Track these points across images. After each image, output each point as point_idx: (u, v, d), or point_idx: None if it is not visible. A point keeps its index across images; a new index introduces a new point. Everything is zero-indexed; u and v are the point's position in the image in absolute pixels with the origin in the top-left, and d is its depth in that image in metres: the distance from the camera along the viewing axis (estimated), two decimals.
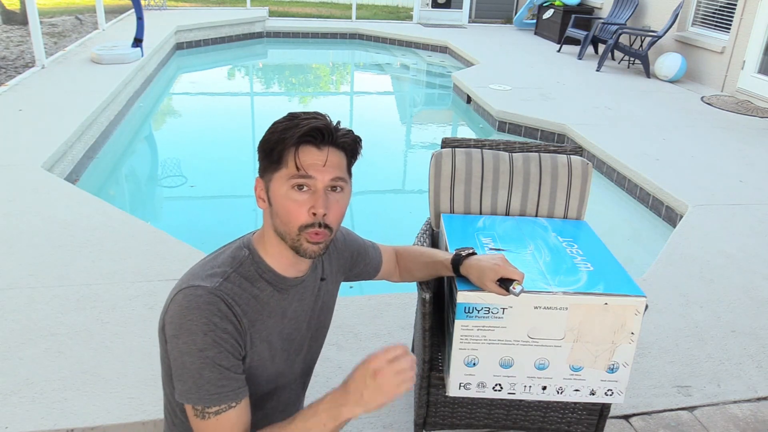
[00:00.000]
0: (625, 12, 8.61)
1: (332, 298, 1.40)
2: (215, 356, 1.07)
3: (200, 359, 1.06)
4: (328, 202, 1.14)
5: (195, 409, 1.08)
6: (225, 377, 1.08)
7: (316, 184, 1.13)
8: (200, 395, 1.07)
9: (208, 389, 1.07)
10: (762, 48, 6.79)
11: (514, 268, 1.41)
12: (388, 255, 1.58)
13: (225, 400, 1.08)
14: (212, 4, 12.80)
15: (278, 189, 1.14)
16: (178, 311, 1.09)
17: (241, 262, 1.17)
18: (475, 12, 12.21)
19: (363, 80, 9.05)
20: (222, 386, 1.08)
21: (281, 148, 1.13)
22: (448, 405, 1.80)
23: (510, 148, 2.05)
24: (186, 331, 1.07)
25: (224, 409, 1.08)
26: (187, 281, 1.13)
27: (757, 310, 2.86)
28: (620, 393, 1.56)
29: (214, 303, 1.09)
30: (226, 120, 6.41)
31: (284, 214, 1.14)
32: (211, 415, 1.08)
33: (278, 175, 1.14)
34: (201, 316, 1.07)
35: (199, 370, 1.07)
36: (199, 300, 1.08)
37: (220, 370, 1.08)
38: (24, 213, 3.33)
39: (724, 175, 4.46)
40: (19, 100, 5.23)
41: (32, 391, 2.07)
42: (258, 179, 1.19)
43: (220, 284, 1.12)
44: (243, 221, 4.21)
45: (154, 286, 2.73)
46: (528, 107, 5.94)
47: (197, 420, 1.09)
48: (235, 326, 1.10)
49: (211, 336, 1.07)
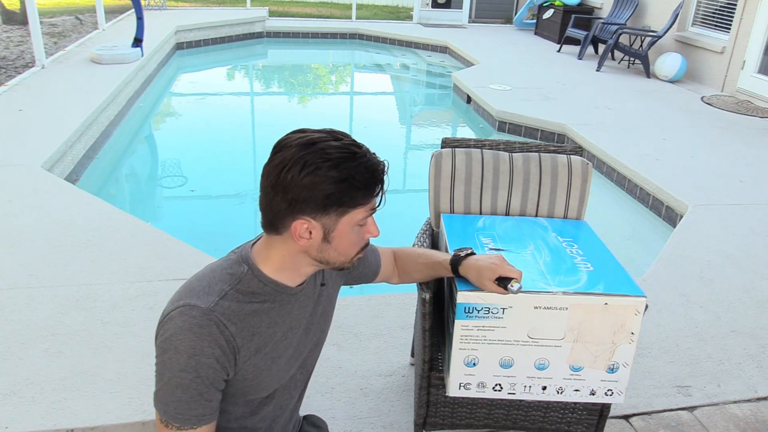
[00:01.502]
0: (625, 12, 8.61)
1: (332, 304, 1.39)
2: (192, 380, 1.09)
3: (177, 378, 1.09)
4: None
5: (162, 419, 1.12)
6: (195, 402, 1.10)
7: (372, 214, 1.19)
8: (167, 409, 1.10)
9: (176, 407, 1.10)
10: (762, 48, 6.79)
11: (511, 267, 1.42)
12: (387, 257, 1.57)
13: (188, 423, 1.11)
14: (212, 4, 12.80)
15: (348, 227, 1.14)
16: (171, 328, 1.10)
17: (239, 279, 1.15)
18: (475, 12, 12.21)
19: (363, 80, 9.05)
20: (189, 409, 1.10)
21: (367, 193, 1.12)
22: (448, 405, 1.80)
23: (510, 148, 2.05)
24: (173, 348, 1.08)
25: (186, 428, 1.12)
26: (184, 297, 1.12)
27: (757, 310, 2.86)
28: (620, 393, 1.56)
29: (206, 326, 1.09)
30: (226, 120, 6.41)
31: (347, 248, 1.17)
32: (173, 427, 1.11)
33: (351, 215, 1.12)
34: (190, 339, 1.08)
35: (173, 388, 1.09)
36: (191, 322, 1.09)
37: (191, 395, 1.10)
38: (24, 213, 3.33)
39: (724, 175, 4.46)
40: (19, 100, 5.23)
41: (32, 391, 2.07)
42: (306, 221, 1.10)
43: (216, 304, 1.11)
44: (243, 221, 4.21)
45: (154, 286, 2.73)
46: (528, 107, 5.94)
47: (161, 425, 1.12)
48: (223, 350, 1.11)
49: (195, 360, 1.08)
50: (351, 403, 2.14)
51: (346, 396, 2.17)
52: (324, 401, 2.14)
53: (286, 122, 6.13)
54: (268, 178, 1.11)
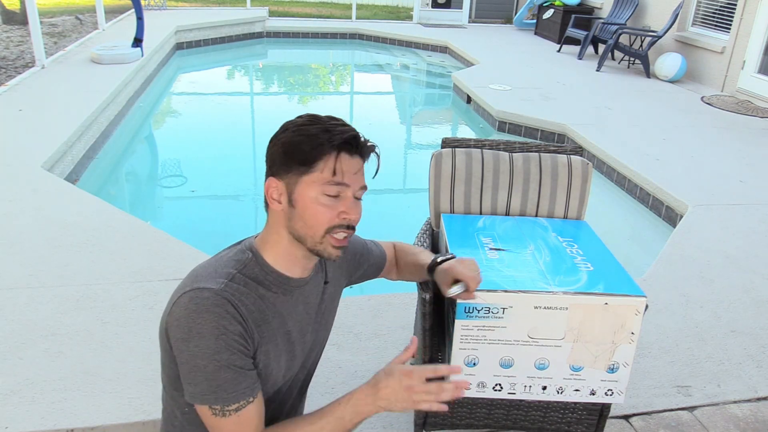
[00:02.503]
0: (625, 12, 8.61)
1: (335, 302, 1.39)
2: (229, 358, 1.07)
3: (214, 362, 1.06)
4: (358, 209, 1.18)
5: (213, 408, 1.09)
6: (240, 376, 1.09)
7: (347, 192, 1.15)
8: (218, 396, 1.08)
9: (226, 389, 1.08)
10: (762, 48, 6.79)
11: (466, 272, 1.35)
12: (388, 251, 1.57)
13: (243, 396, 1.09)
14: (212, 4, 12.80)
15: (307, 192, 1.13)
16: (185, 314, 1.08)
17: (245, 264, 1.17)
18: (475, 12, 12.21)
19: (363, 80, 9.05)
20: (238, 384, 1.09)
21: (318, 152, 1.12)
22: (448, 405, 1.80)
23: (510, 148, 2.05)
24: (196, 334, 1.06)
25: (243, 405, 1.09)
26: (191, 283, 1.11)
27: (757, 310, 2.85)
28: (620, 393, 1.56)
29: (222, 305, 1.08)
30: (226, 120, 6.41)
31: (311, 218, 1.14)
32: (231, 413, 1.09)
33: (308, 178, 1.13)
34: (210, 319, 1.06)
35: (214, 373, 1.07)
36: (206, 302, 1.07)
37: (235, 370, 1.08)
38: (24, 213, 3.33)
39: (724, 175, 4.46)
40: (19, 100, 5.23)
41: (32, 391, 2.07)
42: (273, 180, 1.16)
43: (226, 285, 1.11)
44: (243, 221, 4.21)
45: (154, 286, 2.73)
46: (528, 107, 5.94)
47: (216, 419, 1.09)
48: (243, 327, 1.10)
49: (223, 339, 1.06)
50: None
51: None
52: (324, 401, 2.13)
53: None
54: None
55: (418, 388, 1.10)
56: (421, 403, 1.10)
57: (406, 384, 1.10)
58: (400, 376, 1.11)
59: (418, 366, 1.12)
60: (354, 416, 1.13)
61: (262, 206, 1.22)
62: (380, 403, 1.11)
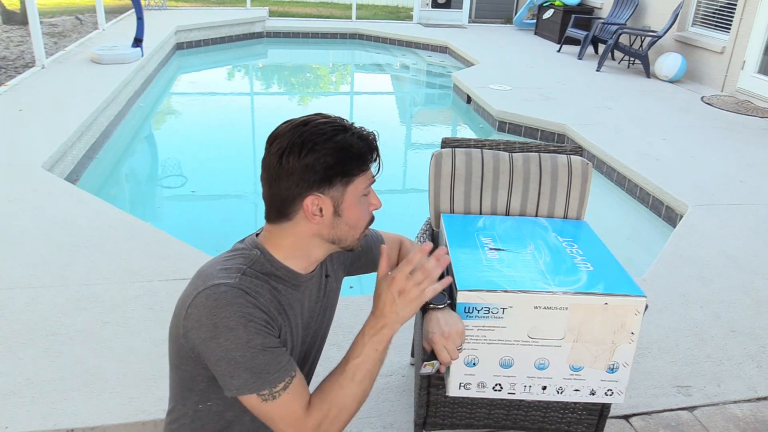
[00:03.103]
0: (625, 12, 8.61)
1: (335, 296, 1.40)
2: (262, 342, 1.08)
3: (250, 350, 1.07)
4: None
5: (261, 395, 1.09)
6: (278, 355, 1.10)
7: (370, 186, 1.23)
8: (263, 381, 1.08)
9: (269, 371, 1.08)
10: (762, 48, 6.79)
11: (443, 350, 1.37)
12: (393, 244, 1.57)
13: (287, 373, 1.10)
14: (212, 4, 12.80)
15: (354, 197, 1.18)
16: (206, 312, 1.07)
17: (253, 261, 1.17)
18: (475, 12, 12.22)
19: (363, 80, 9.05)
20: (279, 363, 1.09)
21: (364, 161, 1.17)
22: (448, 405, 1.80)
23: (510, 148, 2.05)
24: (224, 328, 1.06)
25: (289, 381, 1.10)
26: (203, 283, 1.11)
27: (757, 310, 2.86)
28: (620, 393, 1.56)
29: (242, 296, 1.09)
30: (226, 120, 6.41)
31: (357, 221, 1.20)
32: (280, 393, 1.09)
33: (355, 184, 1.17)
34: (234, 310, 1.07)
35: (253, 360, 1.07)
36: (226, 296, 1.08)
37: (271, 351, 1.09)
38: (24, 213, 3.33)
39: (724, 175, 4.46)
40: (19, 100, 5.23)
41: (32, 391, 2.07)
42: (315, 197, 1.13)
43: (240, 279, 1.12)
44: (243, 221, 4.21)
45: (154, 286, 2.73)
46: (528, 107, 5.94)
47: (267, 404, 1.09)
48: (266, 313, 1.11)
49: (251, 326, 1.07)
50: None
51: None
52: None
53: None
54: (269, 169, 1.14)
55: (408, 286, 1.13)
56: (422, 295, 1.13)
57: (396, 291, 1.13)
58: (387, 289, 1.14)
59: (396, 269, 1.15)
60: (378, 345, 1.16)
61: (261, 206, 1.21)
62: (388, 321, 1.14)
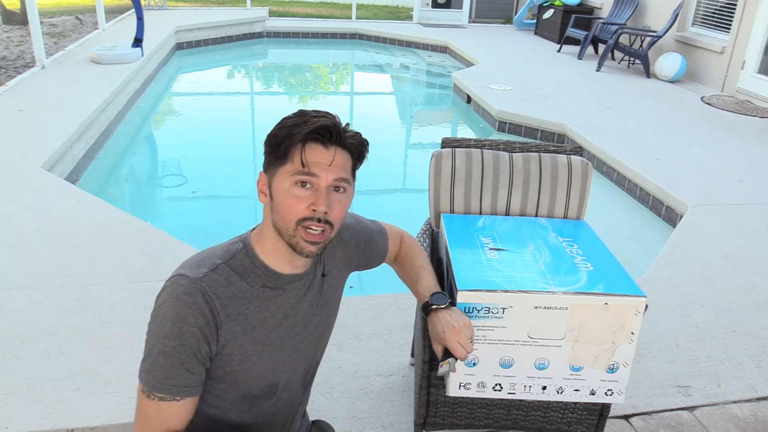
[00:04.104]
0: (625, 12, 8.61)
1: (336, 295, 1.38)
2: (174, 347, 1.10)
3: (160, 345, 1.11)
4: (330, 201, 1.15)
5: (143, 387, 1.13)
6: (176, 371, 1.11)
7: (319, 183, 1.15)
8: (148, 378, 1.12)
9: (156, 375, 1.11)
10: (762, 48, 6.79)
11: (459, 346, 1.37)
12: (394, 241, 1.56)
13: (169, 391, 1.12)
14: (212, 4, 12.80)
15: (281, 184, 1.16)
16: (161, 296, 1.14)
17: (233, 255, 1.19)
18: (475, 12, 12.22)
19: (363, 80, 9.05)
20: (168, 378, 1.11)
21: (288, 143, 1.14)
22: (448, 405, 1.80)
23: (510, 148, 2.05)
24: (160, 316, 1.12)
25: (167, 398, 1.12)
26: (178, 269, 1.16)
27: (757, 310, 2.86)
28: (620, 393, 1.56)
29: (192, 294, 1.12)
30: (226, 120, 6.41)
31: (283, 209, 1.15)
32: (155, 398, 1.12)
33: (282, 170, 1.16)
34: (175, 305, 1.11)
35: (157, 356, 1.11)
36: (178, 290, 1.12)
37: (173, 363, 1.11)
38: (24, 213, 3.33)
39: (724, 175, 4.46)
40: (19, 100, 5.23)
41: (32, 391, 2.07)
42: (261, 173, 1.21)
43: (204, 275, 1.14)
44: (243, 221, 4.21)
45: (154, 286, 2.72)
46: (528, 107, 5.94)
47: (142, 396, 1.13)
48: (206, 320, 1.12)
49: (178, 326, 1.10)
50: (351, 403, 2.14)
51: (346, 396, 2.17)
52: (324, 401, 2.14)
53: None
54: None
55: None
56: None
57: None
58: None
59: None
60: None
61: (261, 206, 1.24)
62: None
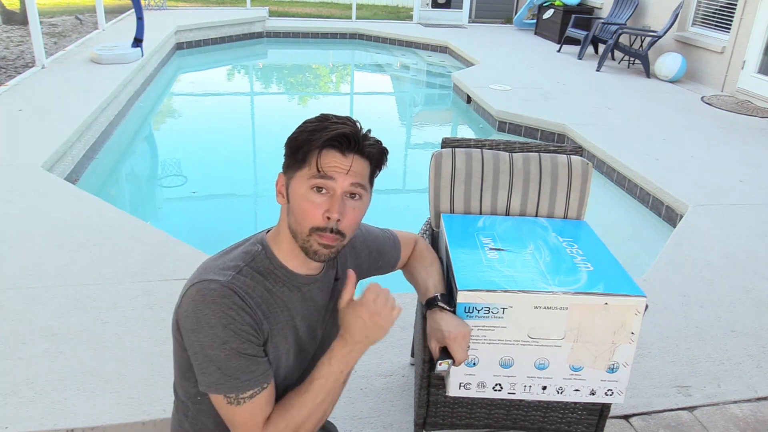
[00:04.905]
0: (625, 12, 8.61)
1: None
2: (239, 346, 1.09)
3: (225, 351, 1.08)
4: (345, 208, 1.15)
5: (227, 397, 1.10)
6: (252, 363, 1.11)
7: (335, 188, 1.14)
8: (231, 384, 1.09)
9: (239, 377, 1.09)
10: (762, 48, 6.79)
11: (460, 348, 1.39)
12: (407, 248, 1.57)
13: (257, 383, 1.11)
14: (212, 4, 12.80)
15: (298, 188, 1.16)
16: (193, 305, 1.10)
17: (253, 257, 1.18)
18: (475, 12, 12.22)
19: (363, 80, 9.05)
20: (251, 372, 1.10)
21: (307, 148, 1.14)
22: (448, 405, 1.80)
23: (510, 148, 2.05)
24: (206, 325, 1.08)
25: (258, 392, 1.11)
26: (200, 276, 1.14)
27: (757, 310, 2.86)
28: (620, 393, 1.56)
29: (229, 296, 1.10)
30: (226, 120, 6.41)
31: (299, 213, 1.15)
32: (245, 400, 1.10)
33: (300, 174, 1.16)
34: (217, 309, 1.09)
35: (226, 361, 1.09)
36: (213, 294, 1.10)
37: (246, 358, 1.10)
38: (24, 213, 3.33)
39: (724, 175, 4.46)
40: (19, 100, 5.23)
41: (32, 391, 2.07)
42: (281, 174, 1.21)
43: (233, 277, 1.13)
44: (243, 221, 4.21)
45: (154, 286, 2.72)
46: (528, 107, 5.94)
47: (231, 407, 1.11)
48: (251, 317, 1.12)
49: (231, 328, 1.09)
50: (351, 403, 2.14)
51: (346, 396, 2.17)
52: None
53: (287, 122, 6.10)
54: None
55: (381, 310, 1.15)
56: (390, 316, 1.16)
57: (367, 315, 1.14)
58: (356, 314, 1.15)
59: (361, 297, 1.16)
60: (345, 367, 1.17)
61: (261, 206, 1.23)
62: (358, 344, 1.16)
